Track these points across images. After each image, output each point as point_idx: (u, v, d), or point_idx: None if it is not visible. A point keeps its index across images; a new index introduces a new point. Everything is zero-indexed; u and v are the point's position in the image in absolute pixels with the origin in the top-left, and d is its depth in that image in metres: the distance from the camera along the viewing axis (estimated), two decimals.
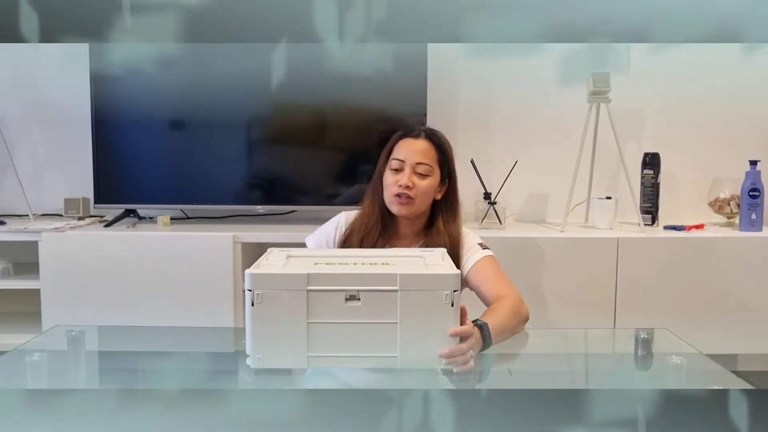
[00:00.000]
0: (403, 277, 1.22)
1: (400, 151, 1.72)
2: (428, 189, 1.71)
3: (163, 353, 1.71)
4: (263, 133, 2.60)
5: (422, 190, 1.70)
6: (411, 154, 1.71)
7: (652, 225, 2.59)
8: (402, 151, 1.72)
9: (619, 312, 2.35)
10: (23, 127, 2.75)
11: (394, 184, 1.69)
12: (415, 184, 1.69)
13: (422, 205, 1.72)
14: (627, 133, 2.71)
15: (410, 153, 1.71)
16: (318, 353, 1.24)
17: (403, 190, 1.68)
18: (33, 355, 1.59)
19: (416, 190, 1.69)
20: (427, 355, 1.24)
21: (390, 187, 1.70)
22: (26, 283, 2.38)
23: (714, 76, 2.74)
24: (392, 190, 1.70)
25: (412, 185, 1.69)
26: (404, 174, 1.69)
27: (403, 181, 1.68)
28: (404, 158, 1.71)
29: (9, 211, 2.72)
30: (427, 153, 1.72)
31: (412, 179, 1.69)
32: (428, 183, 1.71)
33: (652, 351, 1.71)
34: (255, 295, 1.22)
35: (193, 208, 2.68)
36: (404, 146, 1.73)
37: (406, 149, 1.72)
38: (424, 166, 1.70)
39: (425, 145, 1.73)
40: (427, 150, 1.73)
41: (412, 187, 1.69)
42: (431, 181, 1.72)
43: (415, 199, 1.69)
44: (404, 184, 1.68)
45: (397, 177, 1.70)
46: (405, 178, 1.69)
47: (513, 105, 2.77)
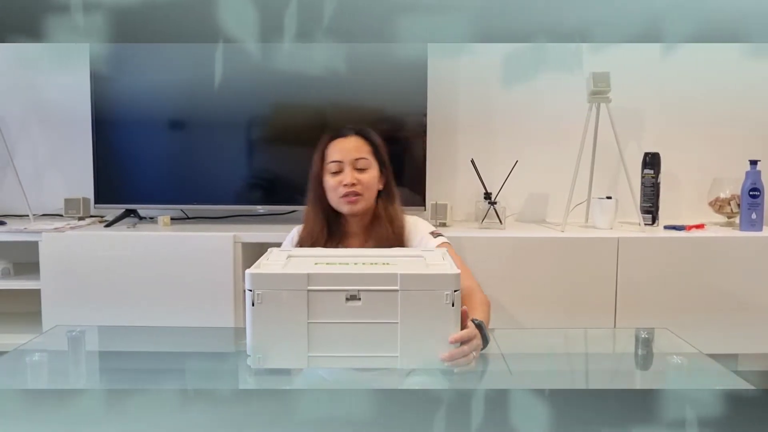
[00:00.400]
0: (404, 277, 1.22)
1: (334, 153, 1.75)
2: (371, 181, 1.75)
3: (164, 353, 1.71)
4: (263, 133, 2.60)
5: (367, 184, 1.73)
6: (347, 153, 1.74)
7: (653, 225, 2.59)
8: (336, 152, 1.75)
9: (619, 312, 2.35)
10: (23, 127, 2.75)
11: (339, 185, 1.72)
12: (359, 179, 1.72)
13: (370, 198, 1.75)
14: (627, 133, 2.71)
15: (345, 152, 1.74)
16: (318, 353, 1.23)
17: (349, 188, 1.71)
18: (33, 355, 1.59)
19: (361, 185, 1.72)
20: (427, 355, 1.24)
21: (334, 189, 1.73)
22: (26, 283, 2.37)
23: (714, 76, 2.74)
24: (338, 191, 1.72)
25: (357, 181, 1.71)
26: (346, 173, 1.72)
27: (347, 179, 1.71)
28: (341, 158, 1.73)
29: (9, 211, 2.72)
30: (362, 148, 1.76)
31: (354, 176, 1.72)
32: (370, 176, 1.74)
33: (653, 351, 1.71)
34: (255, 295, 1.22)
35: (194, 208, 2.68)
36: (337, 147, 1.75)
37: (340, 149, 1.75)
38: (362, 160, 1.74)
39: (358, 142, 1.76)
40: (360, 145, 1.76)
41: (357, 183, 1.71)
42: (372, 173, 1.75)
43: (363, 194, 1.72)
44: (349, 182, 1.71)
45: (339, 178, 1.72)
46: (348, 176, 1.71)
47: (513, 105, 2.78)
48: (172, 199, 2.60)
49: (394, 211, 1.78)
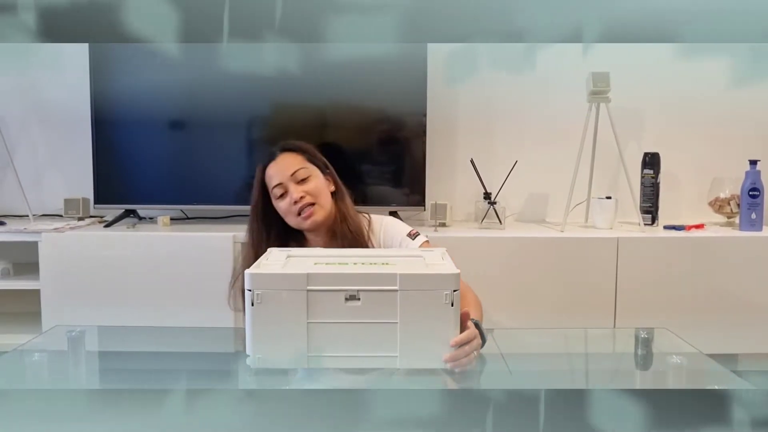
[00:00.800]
0: (403, 276, 1.22)
1: (272, 179, 1.71)
2: (319, 186, 1.71)
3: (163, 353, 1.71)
4: (263, 133, 2.60)
5: (315, 190, 1.70)
6: (281, 172, 1.70)
7: (652, 225, 2.59)
8: (274, 177, 1.71)
9: (619, 312, 2.35)
10: (23, 127, 2.75)
11: (290, 205, 1.68)
12: (305, 190, 1.68)
13: (326, 203, 1.71)
14: (627, 133, 2.71)
15: (280, 172, 1.70)
16: (318, 353, 1.23)
17: (300, 203, 1.67)
18: (33, 355, 1.60)
19: (310, 195, 1.68)
20: (427, 355, 1.24)
21: (287, 210, 1.69)
22: (26, 283, 2.37)
23: (714, 76, 2.74)
24: (292, 211, 1.68)
25: (305, 193, 1.68)
26: (290, 191, 1.68)
27: (295, 195, 1.67)
28: (280, 180, 1.69)
29: (9, 211, 2.72)
30: (294, 161, 1.72)
31: (299, 189, 1.68)
32: (315, 182, 1.71)
33: (652, 351, 1.71)
34: (255, 294, 1.22)
35: (193, 208, 2.68)
36: (272, 171, 1.71)
37: (275, 172, 1.71)
38: (300, 171, 1.70)
39: (288, 157, 1.73)
40: (292, 159, 1.72)
41: (305, 194, 1.68)
42: (316, 180, 1.72)
43: (316, 202, 1.69)
44: (297, 197, 1.67)
45: (287, 199, 1.69)
46: (294, 193, 1.67)
47: (513, 105, 2.78)
48: (171, 200, 2.60)
49: (345, 206, 1.75)
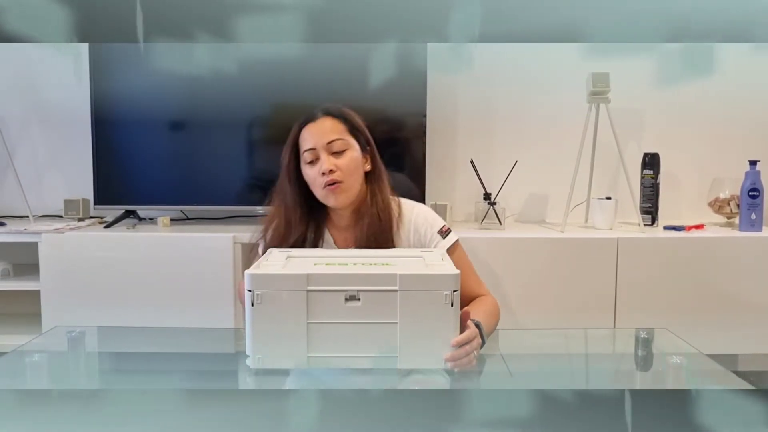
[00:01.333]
0: (403, 277, 1.22)
1: (307, 140, 1.58)
2: (352, 164, 1.57)
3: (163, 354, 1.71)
4: (263, 134, 2.60)
5: (347, 168, 1.56)
6: (319, 138, 1.57)
7: (652, 225, 2.59)
8: (308, 139, 1.58)
9: (618, 312, 2.35)
10: (23, 127, 2.75)
11: (318, 176, 1.56)
12: (337, 164, 1.55)
13: (355, 183, 1.58)
14: (627, 133, 2.71)
15: (317, 137, 1.57)
16: (318, 353, 1.24)
17: (329, 176, 1.54)
18: (33, 355, 1.59)
19: (341, 170, 1.55)
20: (427, 355, 1.24)
21: (315, 181, 1.57)
22: (26, 284, 2.38)
23: (714, 75, 2.74)
24: (318, 182, 1.56)
25: (335, 167, 1.55)
26: (321, 160, 1.55)
27: (325, 166, 1.54)
28: (314, 145, 1.56)
29: (9, 212, 2.72)
30: (335, 128, 1.59)
31: (331, 161, 1.55)
32: (349, 158, 1.57)
33: (652, 351, 1.71)
34: (255, 295, 1.22)
35: (193, 209, 2.68)
36: (308, 133, 1.59)
37: (311, 135, 1.58)
38: (337, 142, 1.57)
39: (330, 122, 1.59)
40: (333, 126, 1.59)
41: (336, 169, 1.55)
42: (352, 155, 1.58)
43: (344, 181, 1.56)
44: (326, 170, 1.54)
45: (316, 167, 1.56)
46: (324, 163, 1.54)
47: (513, 105, 2.78)
48: (171, 200, 2.60)
49: (381, 194, 1.62)
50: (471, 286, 1.61)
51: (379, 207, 1.60)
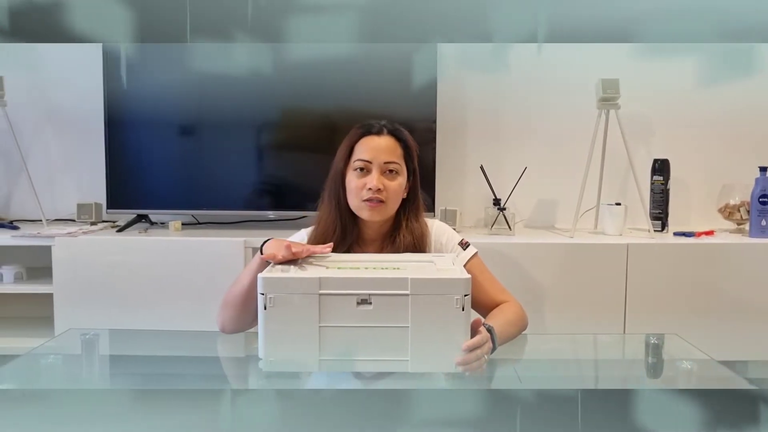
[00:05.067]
0: (415, 281, 1.23)
1: (363, 151, 1.57)
2: (398, 189, 1.58)
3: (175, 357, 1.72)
4: (273, 139, 2.62)
5: (393, 192, 1.57)
6: (377, 154, 1.56)
7: (662, 231, 2.59)
8: (366, 150, 1.57)
9: (628, 318, 2.35)
10: (36, 131, 2.77)
11: (362, 188, 1.55)
12: (386, 185, 1.55)
13: (393, 207, 1.59)
14: (636, 139, 2.71)
15: (376, 152, 1.57)
16: (329, 356, 1.25)
17: (374, 194, 1.54)
18: (48, 357, 1.61)
19: (387, 192, 1.56)
20: (438, 359, 1.25)
21: (357, 191, 1.56)
22: (39, 287, 2.40)
23: (724, 81, 2.74)
24: (361, 194, 1.56)
25: (383, 187, 1.55)
26: (372, 176, 1.55)
27: (373, 183, 1.54)
28: (370, 158, 1.56)
29: (23, 216, 2.75)
30: (394, 150, 1.59)
31: (381, 181, 1.55)
32: (398, 183, 1.58)
33: (663, 357, 1.71)
34: (267, 298, 1.23)
35: (204, 213, 2.69)
36: (368, 145, 1.58)
37: (370, 148, 1.57)
38: (392, 165, 1.57)
39: (390, 142, 1.59)
40: (393, 147, 1.59)
41: (383, 189, 1.55)
42: (401, 181, 1.59)
43: (387, 203, 1.56)
44: (375, 187, 1.54)
45: (364, 180, 1.56)
46: (374, 180, 1.55)
47: (522, 111, 2.78)
48: (183, 205, 2.62)
49: (417, 222, 1.63)
50: (495, 293, 1.61)
51: (415, 234, 1.61)
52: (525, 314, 1.59)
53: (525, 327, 1.59)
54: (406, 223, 1.62)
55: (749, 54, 2.71)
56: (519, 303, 1.61)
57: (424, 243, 1.63)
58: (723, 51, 2.69)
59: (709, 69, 2.73)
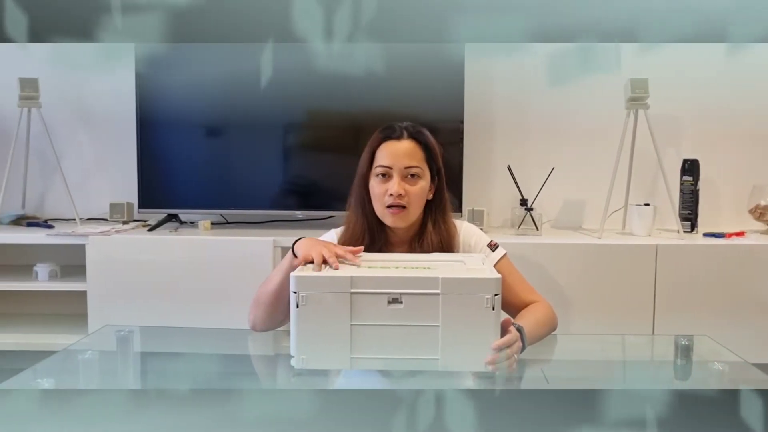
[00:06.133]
0: (445, 280, 1.24)
1: (384, 157, 1.58)
2: (420, 193, 1.58)
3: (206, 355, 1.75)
4: (301, 140, 2.65)
5: (414, 196, 1.57)
6: (397, 159, 1.56)
7: (691, 232, 2.56)
8: (386, 156, 1.58)
9: (657, 319, 2.34)
10: (70, 132, 2.82)
11: (384, 194, 1.56)
12: (407, 190, 1.56)
13: (416, 212, 1.59)
14: (665, 139, 2.69)
15: (396, 157, 1.57)
16: (361, 355, 1.26)
17: (395, 200, 1.55)
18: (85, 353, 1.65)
19: (408, 197, 1.56)
20: (468, 358, 1.26)
21: (380, 197, 1.57)
22: (73, 285, 2.45)
23: (754, 80, 2.71)
24: (383, 201, 1.57)
25: (404, 193, 1.55)
26: (393, 181, 1.56)
27: (394, 189, 1.55)
28: (390, 164, 1.56)
29: (57, 215, 2.80)
30: (415, 154, 1.58)
31: (402, 186, 1.55)
32: (420, 187, 1.58)
33: (693, 358, 1.70)
34: (300, 297, 1.25)
35: (233, 213, 2.73)
36: (388, 150, 1.58)
37: (390, 153, 1.57)
38: (413, 169, 1.57)
39: (411, 146, 1.59)
40: (413, 151, 1.58)
41: (404, 194, 1.55)
42: (422, 185, 1.58)
43: (409, 208, 1.56)
44: (395, 193, 1.54)
45: (385, 186, 1.56)
46: (395, 185, 1.55)
47: (550, 110, 2.78)
48: (212, 204, 2.66)
49: (444, 224, 1.63)
50: (524, 294, 1.61)
51: (443, 236, 1.61)
52: (554, 315, 1.59)
53: (554, 327, 1.59)
54: (433, 224, 1.63)
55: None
56: (549, 303, 1.61)
57: (453, 244, 1.64)
58: (753, 51, 2.66)
59: (740, 68, 2.70)
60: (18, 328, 2.56)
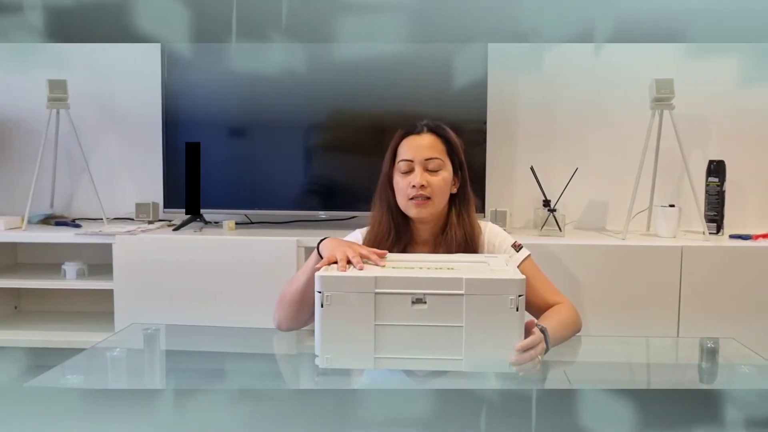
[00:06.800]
0: (469, 281, 1.24)
1: (405, 151, 1.63)
2: (443, 184, 1.61)
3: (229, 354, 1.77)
4: (324, 140, 2.66)
5: (437, 187, 1.60)
6: (418, 152, 1.61)
7: (717, 234, 2.54)
8: (407, 150, 1.62)
9: (682, 322, 2.32)
10: (98, 132, 2.86)
11: (407, 187, 1.60)
12: (429, 181, 1.59)
13: (440, 203, 1.62)
14: (691, 140, 2.66)
15: (417, 150, 1.61)
16: (384, 355, 1.26)
17: (418, 191, 1.59)
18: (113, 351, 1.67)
19: (431, 188, 1.59)
20: (491, 359, 1.26)
21: (403, 190, 1.61)
22: (100, 283, 2.49)
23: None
24: (406, 193, 1.60)
25: (426, 183, 1.59)
26: (415, 173, 1.60)
27: (416, 180, 1.58)
28: (411, 157, 1.61)
29: (84, 214, 2.85)
30: (435, 147, 1.63)
31: (424, 177, 1.59)
32: (442, 178, 1.61)
33: (719, 361, 1.68)
34: (325, 296, 1.26)
35: (257, 213, 2.75)
36: (409, 144, 1.63)
37: (411, 147, 1.62)
38: (434, 161, 1.61)
39: (431, 140, 1.63)
40: (433, 144, 1.63)
41: (427, 185, 1.59)
42: (444, 176, 1.62)
43: (432, 198, 1.60)
44: (418, 183, 1.58)
45: (408, 178, 1.60)
46: (417, 177, 1.59)
47: (573, 111, 2.76)
48: (236, 205, 2.68)
49: (468, 218, 1.66)
50: (548, 295, 1.62)
51: (467, 230, 1.64)
52: (578, 316, 1.59)
53: (578, 329, 1.59)
54: (457, 218, 1.65)
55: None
56: (572, 305, 1.60)
57: (477, 243, 1.65)
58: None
59: (765, 69, 2.66)
60: (46, 326, 2.61)
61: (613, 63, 2.70)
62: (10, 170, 2.89)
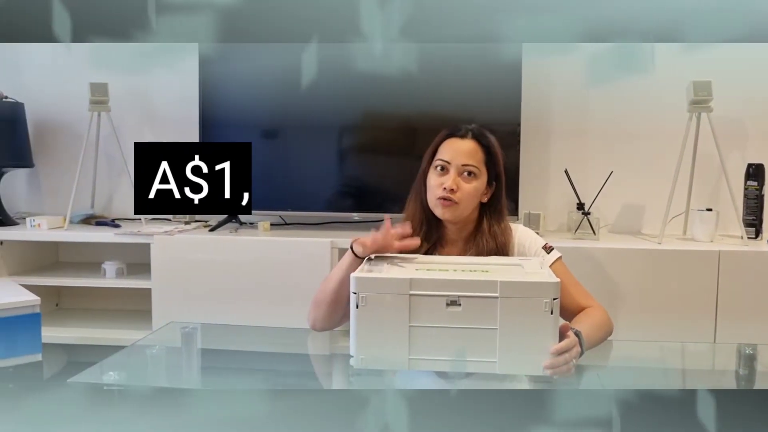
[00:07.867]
0: (504, 284, 1.24)
1: (445, 152, 1.63)
2: (473, 192, 1.62)
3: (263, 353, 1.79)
4: (357, 142, 2.68)
5: (467, 194, 1.61)
6: (457, 155, 1.62)
7: (756, 238, 2.49)
8: (447, 151, 1.63)
9: (719, 327, 2.28)
10: (136, 132, 2.90)
11: (438, 186, 1.61)
12: (460, 186, 1.60)
13: (467, 209, 1.63)
14: (729, 143, 2.62)
15: (456, 154, 1.62)
16: (419, 356, 1.28)
17: (447, 193, 1.59)
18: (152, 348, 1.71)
19: (461, 193, 1.60)
20: (526, 362, 1.26)
21: (434, 189, 1.62)
22: (139, 282, 2.54)
23: None
24: (436, 192, 1.61)
25: (457, 188, 1.59)
26: (449, 176, 1.60)
27: (448, 183, 1.59)
28: (449, 159, 1.62)
29: (123, 214, 2.91)
30: (474, 154, 1.63)
31: (457, 182, 1.60)
32: (474, 186, 1.62)
33: (757, 367, 1.66)
34: (360, 297, 1.27)
35: (292, 214, 2.78)
36: (450, 146, 1.64)
37: (451, 149, 1.63)
38: (470, 167, 1.61)
39: (472, 146, 1.63)
40: (473, 151, 1.63)
41: (457, 190, 1.59)
42: (477, 184, 1.62)
43: (459, 203, 1.60)
44: (449, 187, 1.59)
45: (441, 179, 1.61)
46: (450, 180, 1.60)
47: (609, 113, 2.74)
48: (271, 206, 2.71)
49: (499, 228, 1.66)
50: (579, 298, 1.61)
51: (498, 240, 1.64)
52: (610, 320, 1.58)
53: (610, 333, 1.58)
54: (488, 228, 1.65)
55: None
56: (603, 308, 1.60)
57: (507, 249, 1.66)
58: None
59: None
60: (86, 323, 2.68)
61: (650, 64, 2.67)
62: (53, 171, 2.96)
